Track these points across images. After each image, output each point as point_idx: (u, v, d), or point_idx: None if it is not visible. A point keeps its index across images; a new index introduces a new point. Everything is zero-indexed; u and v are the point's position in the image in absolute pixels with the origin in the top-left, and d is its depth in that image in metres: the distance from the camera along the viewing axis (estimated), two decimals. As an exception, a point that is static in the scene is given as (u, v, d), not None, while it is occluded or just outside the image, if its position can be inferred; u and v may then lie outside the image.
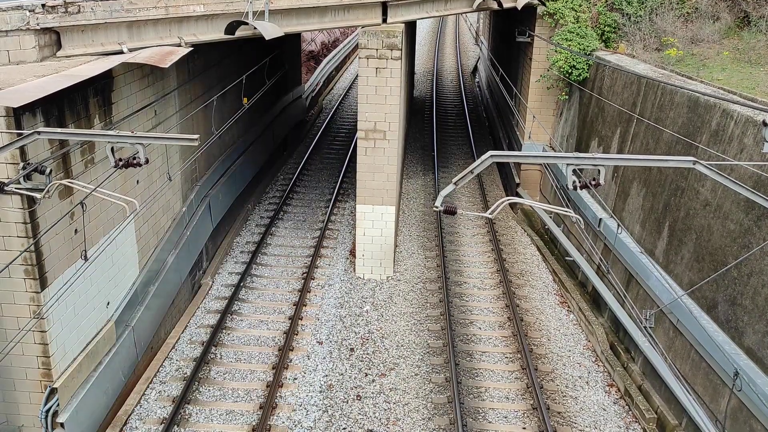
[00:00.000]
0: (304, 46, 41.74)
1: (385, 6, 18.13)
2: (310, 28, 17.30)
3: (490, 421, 13.58)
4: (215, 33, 14.91)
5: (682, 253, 13.58)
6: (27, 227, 10.48)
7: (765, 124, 9.07)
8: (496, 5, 20.32)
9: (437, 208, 8.88)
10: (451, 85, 47.34)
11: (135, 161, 9.37)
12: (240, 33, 14.73)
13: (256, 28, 14.27)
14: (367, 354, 15.76)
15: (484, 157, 8.49)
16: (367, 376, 14.97)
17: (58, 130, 9.51)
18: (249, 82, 21.23)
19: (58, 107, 10.97)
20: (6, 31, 11.44)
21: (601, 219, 17.28)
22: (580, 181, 8.60)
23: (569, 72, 20.47)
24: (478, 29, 59.53)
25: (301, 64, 33.97)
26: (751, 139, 11.80)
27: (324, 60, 44.32)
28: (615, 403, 14.28)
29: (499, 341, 16.38)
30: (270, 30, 14.55)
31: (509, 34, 26.84)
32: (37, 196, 9.94)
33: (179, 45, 14.06)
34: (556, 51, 20.62)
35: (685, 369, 12.83)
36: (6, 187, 9.45)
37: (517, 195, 23.55)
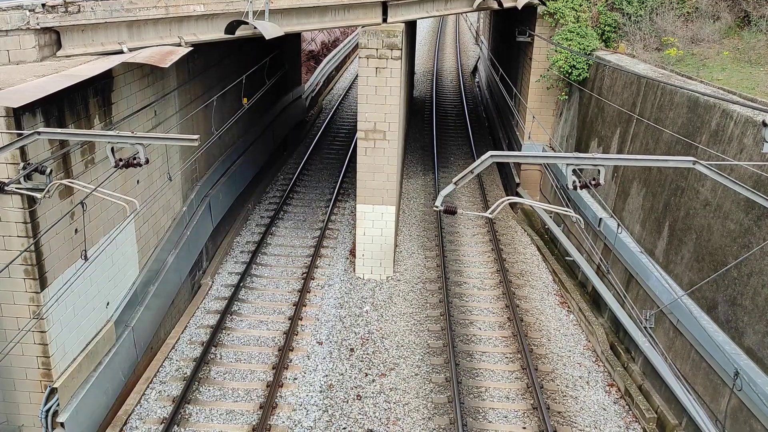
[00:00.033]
0: (304, 46, 41.74)
1: (385, 6, 18.13)
2: (310, 28, 17.30)
3: (491, 421, 13.59)
4: (215, 33, 14.92)
5: (682, 253, 13.58)
6: (27, 227, 10.48)
7: (765, 124, 9.07)
8: (496, 5, 20.32)
9: (437, 207, 8.88)
10: (451, 85, 47.33)
11: (135, 161, 9.38)
12: (240, 33, 14.73)
13: (256, 28, 14.26)
14: (367, 354, 15.76)
15: (484, 157, 8.50)
16: (367, 376, 14.97)
17: (58, 130, 9.52)
18: (249, 82, 21.23)
19: (58, 107, 10.97)
20: (6, 30, 11.43)
21: (601, 219, 17.28)
22: (580, 181, 8.60)
23: (569, 72, 20.47)
24: (478, 29, 59.53)
25: (301, 64, 33.96)
26: (750, 139, 11.80)
27: (324, 60, 44.31)
28: (615, 402, 14.28)
29: (499, 341, 16.38)
30: (270, 30, 14.54)
31: (509, 34, 26.85)
32: (38, 196, 9.94)
33: (179, 45, 14.06)
34: (556, 51, 20.62)
35: (685, 369, 12.84)
36: (6, 187, 9.45)
37: (517, 195, 23.55)
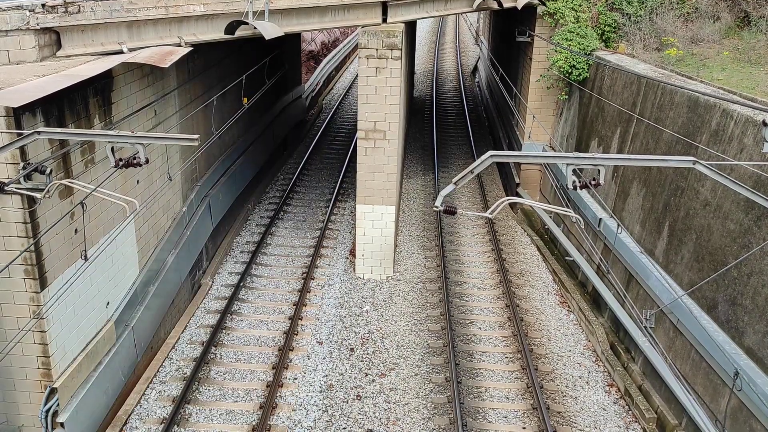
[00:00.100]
0: (304, 46, 41.74)
1: (385, 6, 18.13)
2: (310, 28, 17.30)
3: (490, 421, 13.59)
4: (215, 33, 14.92)
5: (682, 253, 13.58)
6: (27, 227, 10.48)
7: (765, 124, 9.07)
8: (496, 5, 20.32)
9: (437, 207, 8.88)
10: (451, 85, 47.33)
11: (135, 161, 9.37)
12: (240, 33, 14.73)
13: (256, 28, 14.26)
14: (367, 354, 15.76)
15: (484, 157, 8.50)
16: (367, 376, 14.97)
17: (58, 130, 9.52)
18: (249, 82, 21.23)
19: (58, 107, 10.97)
20: (6, 30, 11.44)
21: (601, 219, 17.28)
22: (580, 181, 8.60)
23: (569, 72, 20.47)
24: (478, 29, 59.53)
25: (301, 63, 33.96)
26: (751, 139, 11.80)
27: (324, 60, 44.31)
28: (615, 402, 14.28)
29: (499, 341, 16.38)
30: (270, 30, 14.54)
31: (509, 34, 26.84)
32: (38, 196, 9.94)
33: (179, 45, 14.06)
34: (556, 51, 20.62)
35: (685, 369, 12.83)
36: (6, 187, 9.45)
37: (517, 195, 23.55)
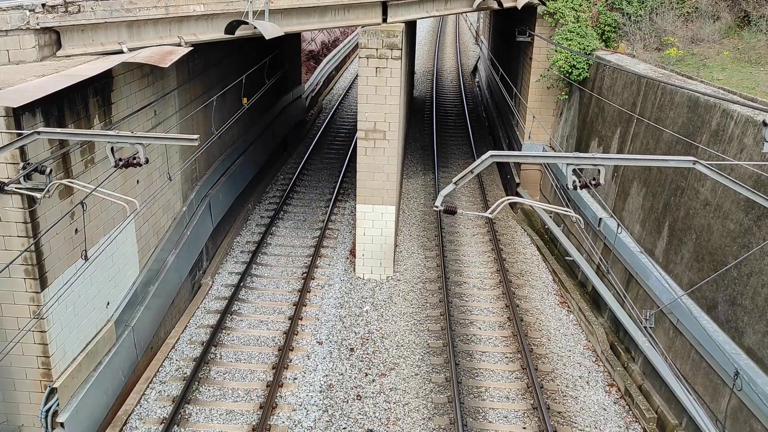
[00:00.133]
0: (304, 46, 41.75)
1: (385, 5, 18.13)
2: (310, 28, 17.30)
3: (491, 421, 13.58)
4: (215, 33, 14.92)
5: (682, 253, 13.58)
6: (27, 227, 10.48)
7: (765, 124, 9.07)
8: (496, 5, 20.32)
9: (437, 207, 8.88)
10: (451, 85, 47.33)
11: (135, 161, 9.37)
12: (240, 32, 14.73)
13: (256, 28, 14.26)
14: (367, 354, 15.76)
15: (484, 156, 8.50)
16: (367, 376, 14.97)
17: (58, 130, 9.51)
18: (249, 81, 21.23)
19: (58, 107, 10.97)
20: (6, 30, 11.43)
21: (601, 219, 17.27)
22: (580, 181, 8.60)
23: (569, 72, 20.46)
24: (478, 29, 59.52)
25: (301, 63, 33.96)
26: (751, 139, 11.80)
27: (324, 60, 44.31)
28: (615, 402, 14.28)
29: (499, 341, 16.38)
30: (270, 30, 14.54)
31: (509, 34, 26.84)
32: (38, 195, 9.93)
33: (179, 44, 14.06)
34: (556, 51, 20.61)
35: (685, 369, 12.83)
36: (6, 187, 9.44)
37: (517, 195, 23.55)
